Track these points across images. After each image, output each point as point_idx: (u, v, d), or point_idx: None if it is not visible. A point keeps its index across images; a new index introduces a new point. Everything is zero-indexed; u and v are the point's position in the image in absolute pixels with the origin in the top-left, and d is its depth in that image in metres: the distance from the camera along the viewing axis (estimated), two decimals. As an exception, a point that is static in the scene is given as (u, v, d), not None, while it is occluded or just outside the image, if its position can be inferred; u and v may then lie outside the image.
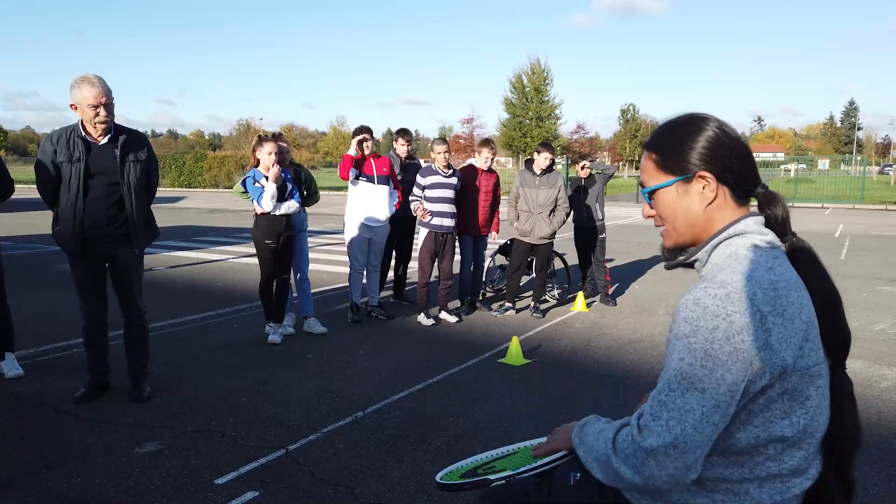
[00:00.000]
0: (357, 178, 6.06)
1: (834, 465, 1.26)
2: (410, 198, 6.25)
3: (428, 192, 6.15)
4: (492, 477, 1.44)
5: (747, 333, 1.12)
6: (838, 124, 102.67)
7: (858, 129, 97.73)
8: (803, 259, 1.27)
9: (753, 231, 1.26)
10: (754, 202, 1.34)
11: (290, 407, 4.02)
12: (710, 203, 1.29)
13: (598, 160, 38.51)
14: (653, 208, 1.38)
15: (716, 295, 1.15)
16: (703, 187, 1.29)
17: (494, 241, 7.02)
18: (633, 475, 1.19)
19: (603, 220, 7.17)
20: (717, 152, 1.28)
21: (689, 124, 1.31)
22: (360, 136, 5.99)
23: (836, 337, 1.25)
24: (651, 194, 1.36)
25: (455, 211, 6.23)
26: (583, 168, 7.20)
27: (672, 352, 1.18)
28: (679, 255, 1.39)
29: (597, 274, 7.26)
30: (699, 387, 1.13)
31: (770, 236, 1.26)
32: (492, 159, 6.55)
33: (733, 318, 1.12)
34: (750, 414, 1.17)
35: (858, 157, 47.10)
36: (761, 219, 1.29)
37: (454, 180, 6.21)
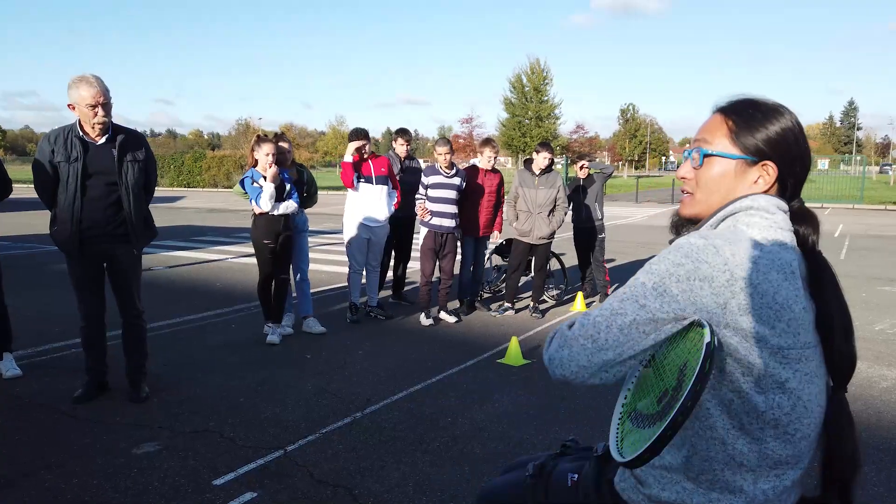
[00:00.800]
0: (357, 180, 6.06)
1: (835, 489, 1.25)
2: (416, 196, 6.26)
3: (430, 192, 6.15)
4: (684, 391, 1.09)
5: (708, 284, 1.13)
6: (838, 124, 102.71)
7: (858, 129, 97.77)
8: (825, 280, 1.25)
9: (761, 208, 1.23)
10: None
11: (288, 407, 4.01)
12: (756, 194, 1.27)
13: (597, 160, 38.58)
14: (695, 170, 1.31)
15: (694, 243, 1.16)
16: (759, 178, 1.26)
17: (496, 240, 7.02)
18: (551, 354, 1.22)
19: (602, 219, 7.17)
20: (790, 149, 1.26)
21: (777, 111, 1.27)
22: (359, 144, 5.99)
23: (846, 360, 1.23)
24: (707, 157, 1.29)
25: (456, 211, 6.22)
26: (581, 168, 7.20)
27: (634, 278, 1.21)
28: (686, 227, 1.37)
29: (596, 274, 7.26)
30: (641, 301, 1.15)
31: (778, 217, 1.23)
32: (494, 158, 6.55)
33: (700, 266, 1.13)
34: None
35: (858, 157, 47.09)
36: (775, 200, 1.25)
37: (457, 180, 6.20)
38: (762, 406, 1.16)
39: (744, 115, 1.28)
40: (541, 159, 6.41)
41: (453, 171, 6.19)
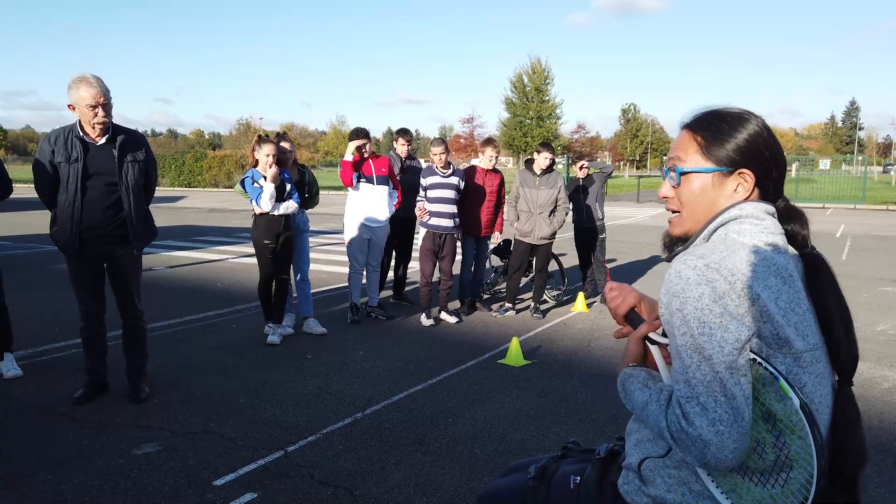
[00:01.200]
0: (357, 180, 6.06)
1: (841, 481, 1.24)
2: (418, 199, 6.26)
3: (429, 193, 6.15)
4: None
5: (729, 299, 1.14)
6: (839, 124, 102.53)
7: (860, 129, 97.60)
8: (821, 276, 1.26)
9: (749, 215, 1.25)
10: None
11: (288, 408, 4.01)
12: (739, 203, 1.27)
13: (598, 160, 38.53)
14: (675, 188, 1.33)
15: (695, 266, 1.16)
16: (738, 186, 1.27)
17: (497, 241, 7.02)
18: (704, 459, 1.15)
19: (603, 219, 7.16)
20: (762, 153, 1.27)
21: (742, 118, 1.29)
22: (359, 142, 5.99)
23: (849, 355, 1.24)
24: (683, 174, 1.32)
25: (455, 211, 6.21)
26: (581, 168, 7.20)
27: (673, 329, 1.19)
28: (678, 245, 1.38)
29: (597, 274, 7.25)
30: (705, 354, 1.13)
31: (767, 222, 1.25)
32: (496, 158, 6.55)
33: (715, 284, 1.14)
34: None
35: (859, 158, 47.07)
36: (762, 205, 1.27)
37: (454, 180, 6.19)
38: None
39: (710, 128, 1.30)
40: (542, 159, 6.40)
41: (450, 171, 6.18)
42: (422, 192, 6.21)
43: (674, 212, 1.37)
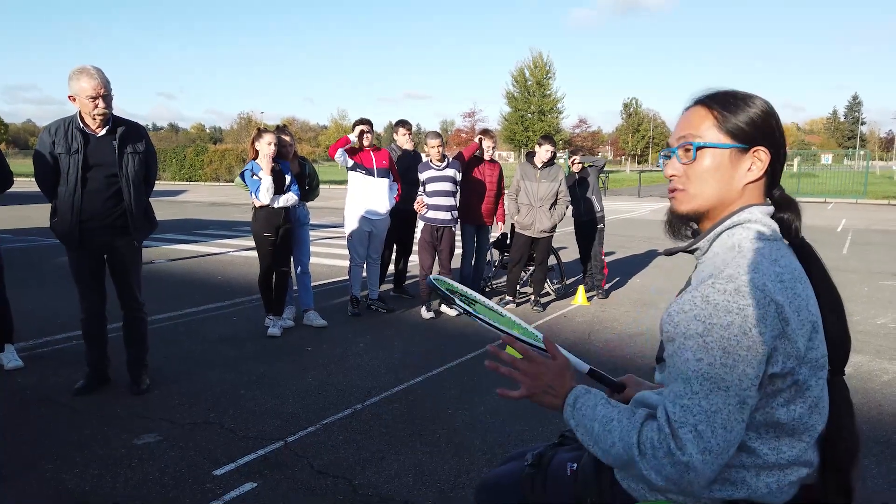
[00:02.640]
0: (353, 169, 6.06)
1: (834, 474, 1.25)
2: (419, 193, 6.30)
3: (427, 187, 6.16)
4: (471, 308, 1.59)
5: (763, 325, 1.10)
6: (842, 119, 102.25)
7: (862, 124, 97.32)
8: (813, 267, 1.25)
9: (757, 220, 1.23)
10: None
11: (288, 399, 4.02)
12: (751, 182, 1.26)
13: (599, 154, 38.50)
14: (686, 165, 1.28)
15: (725, 290, 1.12)
16: (752, 164, 1.25)
17: (500, 231, 7.03)
18: (666, 483, 1.16)
19: (602, 211, 7.16)
20: (774, 131, 1.26)
21: (751, 96, 1.28)
22: (362, 127, 6.01)
23: (839, 341, 1.23)
24: (700, 149, 1.27)
25: (453, 203, 6.22)
26: (574, 163, 7.22)
27: (684, 351, 1.14)
28: (683, 225, 1.37)
29: (594, 269, 7.25)
30: (722, 385, 1.10)
31: (775, 226, 1.25)
32: (492, 149, 6.55)
33: (747, 312, 1.10)
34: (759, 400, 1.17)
35: (861, 152, 46.98)
36: (767, 208, 1.26)
37: (450, 171, 6.19)
38: (784, 418, 1.17)
39: (725, 103, 1.27)
40: (543, 152, 6.40)
41: (445, 163, 6.19)
42: (421, 188, 6.23)
43: (675, 190, 1.33)
